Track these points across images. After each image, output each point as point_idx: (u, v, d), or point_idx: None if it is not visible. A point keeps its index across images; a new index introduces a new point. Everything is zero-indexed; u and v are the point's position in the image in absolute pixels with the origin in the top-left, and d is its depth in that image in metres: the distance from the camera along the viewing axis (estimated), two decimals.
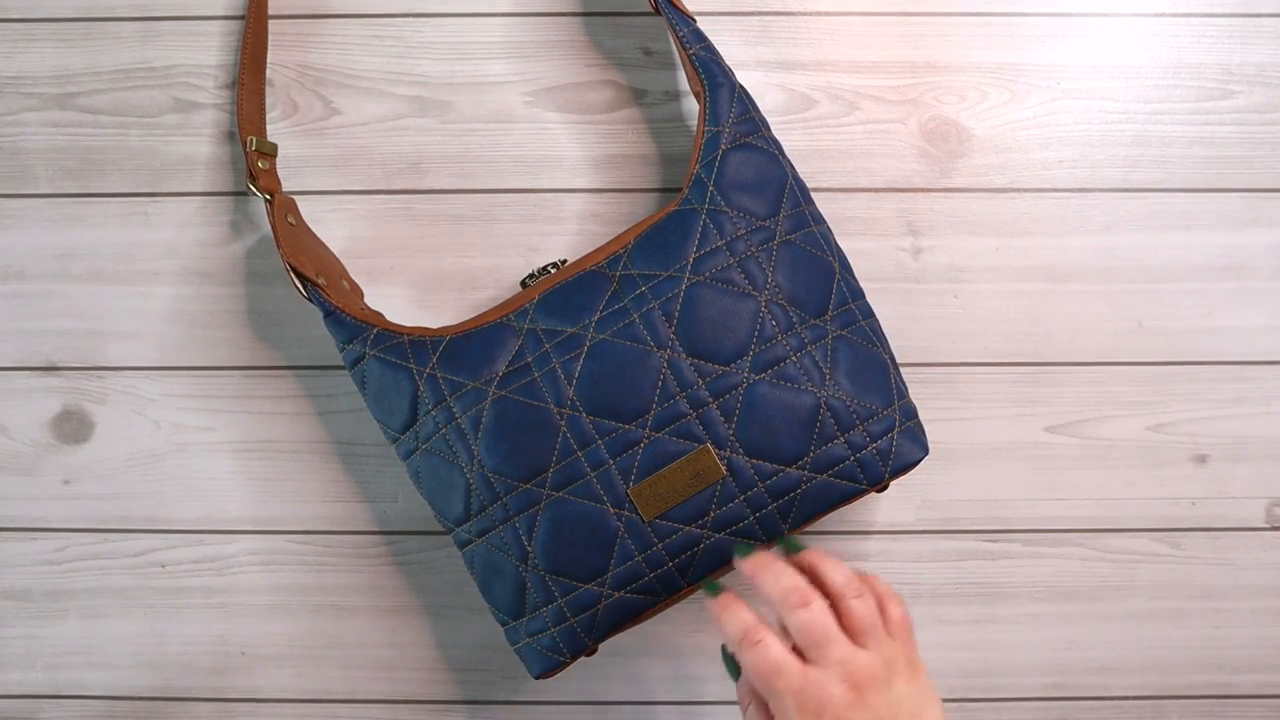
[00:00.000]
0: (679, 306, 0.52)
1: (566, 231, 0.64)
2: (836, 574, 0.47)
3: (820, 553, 0.49)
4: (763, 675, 0.45)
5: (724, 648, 0.49)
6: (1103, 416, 0.64)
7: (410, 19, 0.64)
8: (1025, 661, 0.64)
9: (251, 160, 0.59)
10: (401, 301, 0.64)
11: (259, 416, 0.64)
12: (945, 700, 0.64)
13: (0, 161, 0.64)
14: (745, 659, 0.45)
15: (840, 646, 0.45)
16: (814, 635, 0.45)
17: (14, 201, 0.64)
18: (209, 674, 0.64)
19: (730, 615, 0.47)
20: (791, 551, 0.49)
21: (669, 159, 0.64)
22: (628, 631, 0.62)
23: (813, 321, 0.54)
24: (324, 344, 0.64)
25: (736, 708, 0.63)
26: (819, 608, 0.45)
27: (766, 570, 0.47)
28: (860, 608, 0.46)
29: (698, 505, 0.52)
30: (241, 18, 0.64)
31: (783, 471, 0.52)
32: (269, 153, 0.60)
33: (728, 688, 0.64)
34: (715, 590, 0.49)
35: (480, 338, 0.54)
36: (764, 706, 0.47)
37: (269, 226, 0.60)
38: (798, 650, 0.46)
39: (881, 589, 0.48)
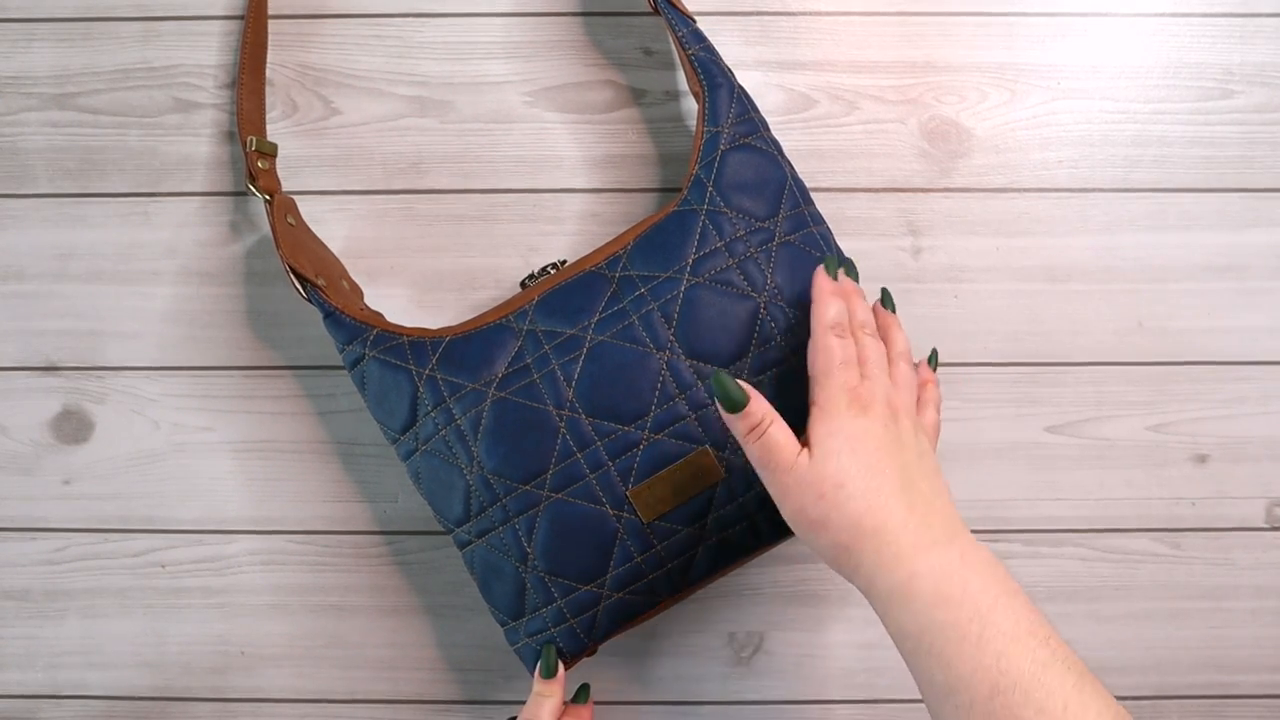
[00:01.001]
0: (678, 308, 0.52)
1: (566, 231, 0.64)
2: (864, 312, 0.50)
3: (857, 299, 0.50)
4: (836, 360, 0.47)
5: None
6: (1103, 416, 0.64)
7: (410, 19, 0.64)
8: None
9: (251, 160, 0.59)
10: (401, 301, 0.64)
11: (259, 416, 0.64)
12: None
13: (0, 161, 0.64)
14: (823, 341, 0.47)
15: (886, 378, 0.48)
16: (873, 358, 0.48)
17: (14, 201, 0.64)
18: (209, 674, 0.64)
19: (828, 303, 0.49)
20: (851, 273, 0.52)
21: (669, 159, 0.64)
22: (628, 631, 0.62)
23: None
24: (324, 344, 0.64)
25: (736, 708, 0.64)
26: (879, 344, 0.49)
27: (823, 301, 0.48)
28: (869, 344, 0.48)
29: (697, 507, 0.52)
30: (241, 18, 0.64)
31: None
32: (269, 153, 0.60)
33: (727, 688, 0.64)
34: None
35: (480, 339, 0.54)
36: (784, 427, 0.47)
37: (269, 226, 0.60)
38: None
39: (921, 375, 0.52)
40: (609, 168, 0.64)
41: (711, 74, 0.56)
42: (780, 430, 0.46)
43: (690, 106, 0.64)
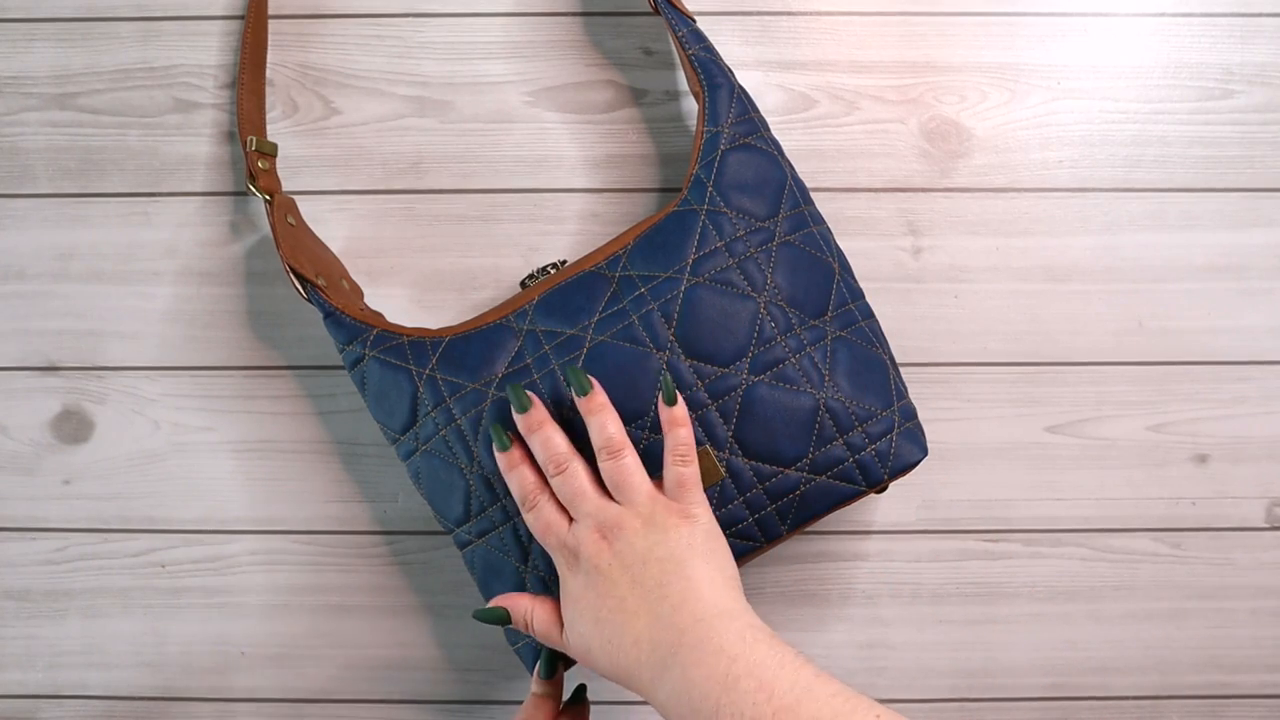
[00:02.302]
0: (678, 308, 0.52)
1: (566, 231, 0.64)
2: (599, 435, 0.49)
3: (598, 404, 0.50)
4: (539, 534, 0.49)
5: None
6: (1103, 416, 0.64)
7: (410, 19, 0.64)
8: (1025, 661, 0.64)
9: (251, 160, 0.59)
10: (401, 301, 0.64)
11: (259, 416, 0.64)
12: (945, 700, 0.64)
13: (0, 161, 0.64)
14: (526, 518, 0.50)
15: (590, 501, 0.48)
16: (567, 496, 0.49)
17: (14, 201, 0.64)
18: (209, 674, 0.64)
19: (515, 476, 0.50)
20: (581, 395, 0.50)
21: (669, 159, 0.64)
22: None
23: (812, 323, 0.53)
24: (324, 344, 0.64)
25: None
26: (572, 471, 0.49)
27: (535, 435, 0.50)
28: (610, 468, 0.48)
29: None
30: (241, 18, 0.64)
31: (782, 473, 0.52)
32: (269, 153, 0.60)
33: None
34: (504, 445, 0.51)
35: (480, 339, 0.54)
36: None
37: (269, 226, 0.60)
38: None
39: (677, 442, 0.49)
40: (609, 168, 0.64)
41: (711, 74, 0.56)
42: (540, 623, 0.50)
43: (690, 106, 0.64)
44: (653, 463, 0.51)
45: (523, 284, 0.57)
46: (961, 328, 0.64)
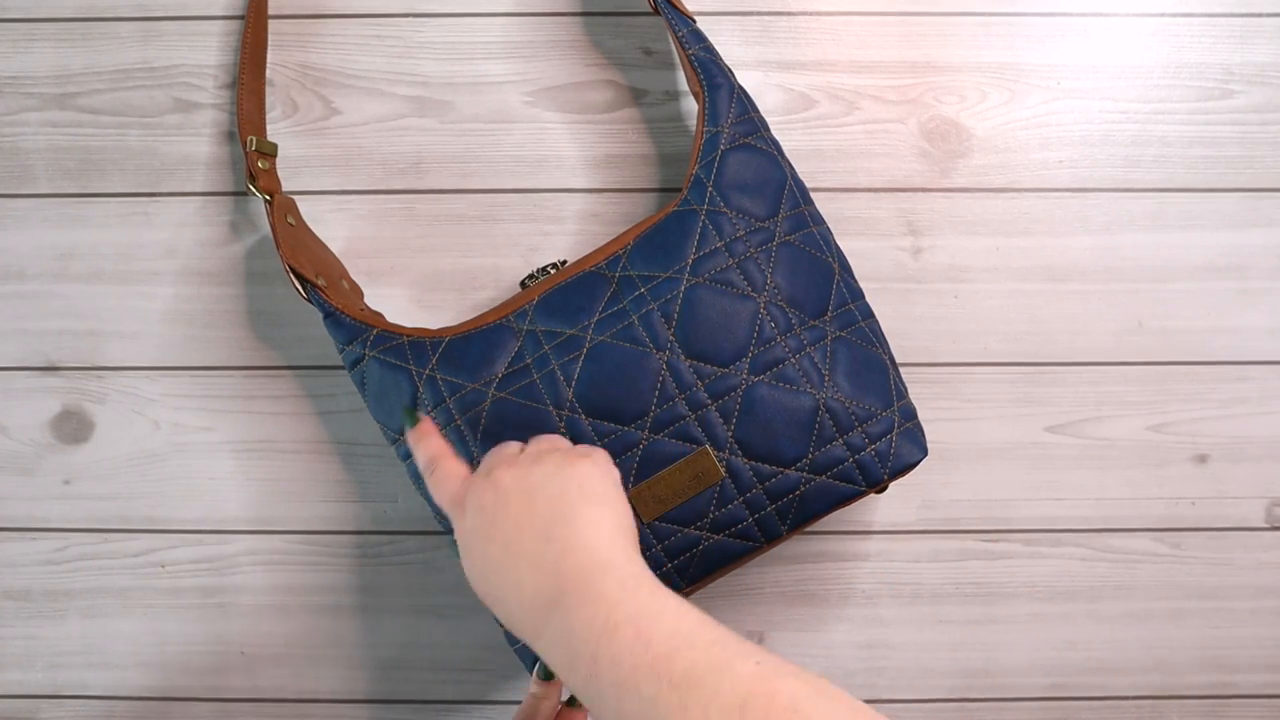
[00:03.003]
0: (678, 308, 0.52)
1: (566, 231, 0.64)
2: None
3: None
4: (436, 494, 0.48)
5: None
6: (1103, 416, 0.64)
7: (410, 19, 0.64)
8: (1025, 661, 0.64)
9: (251, 160, 0.59)
10: (401, 301, 0.64)
11: (259, 416, 0.64)
12: (945, 700, 0.64)
13: (0, 161, 0.64)
14: (428, 482, 0.48)
15: (496, 454, 0.47)
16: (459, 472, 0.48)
17: (14, 201, 0.64)
18: (209, 674, 0.64)
19: (422, 445, 0.49)
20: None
21: (669, 159, 0.64)
22: None
23: (812, 323, 0.53)
24: (324, 344, 0.64)
25: None
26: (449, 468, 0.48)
27: (421, 439, 0.50)
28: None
29: (696, 507, 0.52)
30: (241, 18, 0.64)
31: (782, 473, 0.52)
32: (269, 153, 0.60)
33: None
34: (413, 420, 0.50)
35: (480, 339, 0.54)
36: None
37: (269, 226, 0.60)
38: None
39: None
40: (609, 168, 0.64)
41: (711, 74, 0.56)
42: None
43: (690, 106, 0.64)
44: (653, 463, 0.51)
45: (523, 284, 0.57)
46: (961, 328, 0.64)
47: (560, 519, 0.43)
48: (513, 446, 0.48)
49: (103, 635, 0.64)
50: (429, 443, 0.49)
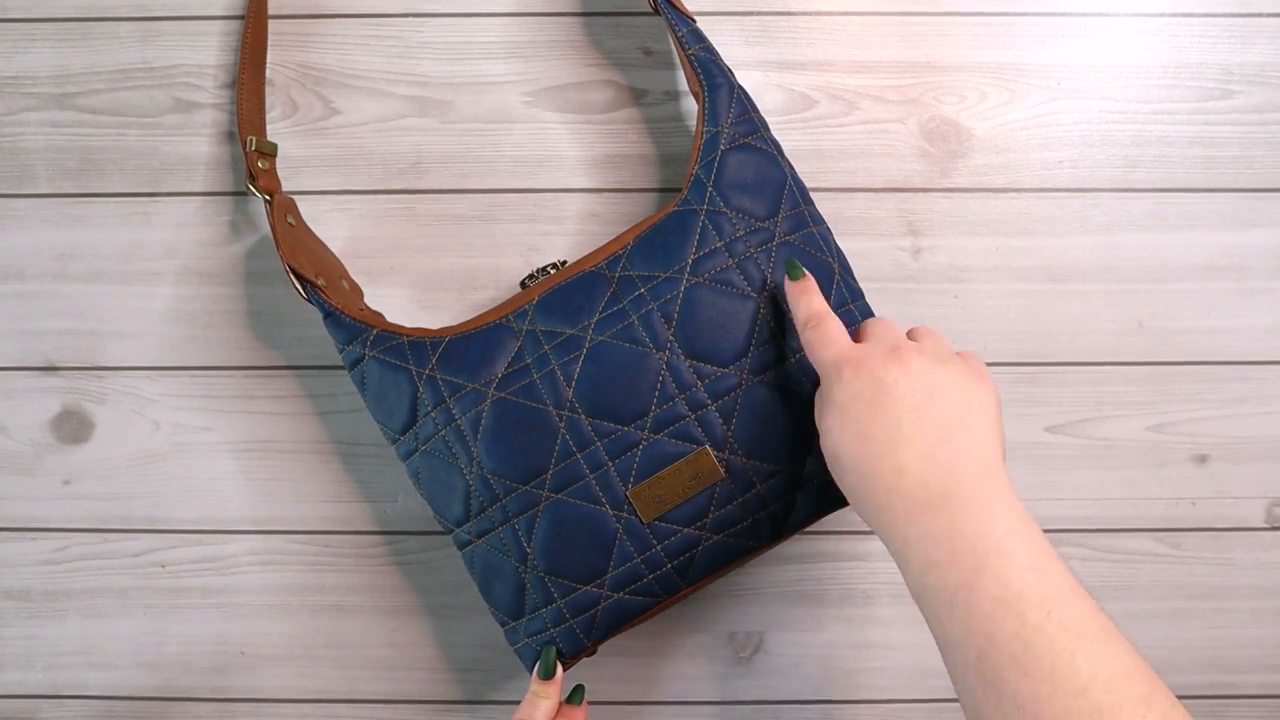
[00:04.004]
0: (678, 308, 0.52)
1: (566, 231, 0.64)
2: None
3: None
4: (815, 347, 0.48)
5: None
6: (1103, 416, 0.64)
7: (410, 19, 0.64)
8: None
9: (251, 160, 0.59)
10: (401, 301, 0.64)
11: (259, 416, 0.64)
12: (946, 700, 0.64)
13: (0, 161, 0.64)
14: (805, 336, 0.49)
15: (887, 330, 0.48)
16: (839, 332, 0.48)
17: (14, 201, 0.64)
18: (209, 674, 0.64)
19: (803, 300, 0.50)
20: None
21: (669, 159, 0.64)
22: (628, 631, 0.62)
23: None
24: (324, 344, 0.64)
25: (736, 708, 0.64)
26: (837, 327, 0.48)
27: (804, 294, 0.50)
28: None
29: (696, 507, 0.52)
30: (241, 17, 0.64)
31: (782, 473, 0.52)
32: (269, 153, 0.60)
33: (727, 688, 0.64)
34: (797, 273, 0.50)
35: (479, 339, 0.54)
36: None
37: (269, 226, 0.60)
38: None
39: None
40: (609, 168, 0.64)
41: (711, 74, 0.56)
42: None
43: (690, 106, 0.64)
44: (653, 463, 0.51)
45: (523, 284, 0.57)
46: (961, 328, 0.64)
47: (961, 426, 0.44)
48: (897, 328, 0.48)
49: (103, 635, 0.64)
50: (812, 300, 0.49)
